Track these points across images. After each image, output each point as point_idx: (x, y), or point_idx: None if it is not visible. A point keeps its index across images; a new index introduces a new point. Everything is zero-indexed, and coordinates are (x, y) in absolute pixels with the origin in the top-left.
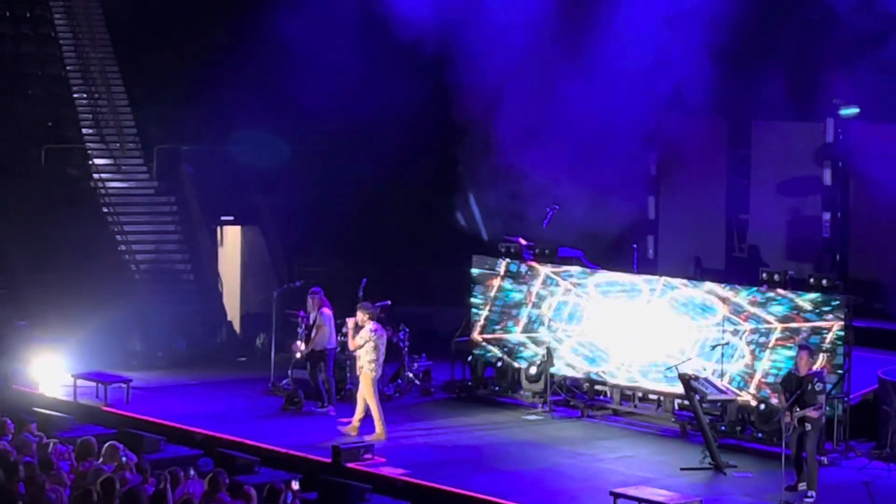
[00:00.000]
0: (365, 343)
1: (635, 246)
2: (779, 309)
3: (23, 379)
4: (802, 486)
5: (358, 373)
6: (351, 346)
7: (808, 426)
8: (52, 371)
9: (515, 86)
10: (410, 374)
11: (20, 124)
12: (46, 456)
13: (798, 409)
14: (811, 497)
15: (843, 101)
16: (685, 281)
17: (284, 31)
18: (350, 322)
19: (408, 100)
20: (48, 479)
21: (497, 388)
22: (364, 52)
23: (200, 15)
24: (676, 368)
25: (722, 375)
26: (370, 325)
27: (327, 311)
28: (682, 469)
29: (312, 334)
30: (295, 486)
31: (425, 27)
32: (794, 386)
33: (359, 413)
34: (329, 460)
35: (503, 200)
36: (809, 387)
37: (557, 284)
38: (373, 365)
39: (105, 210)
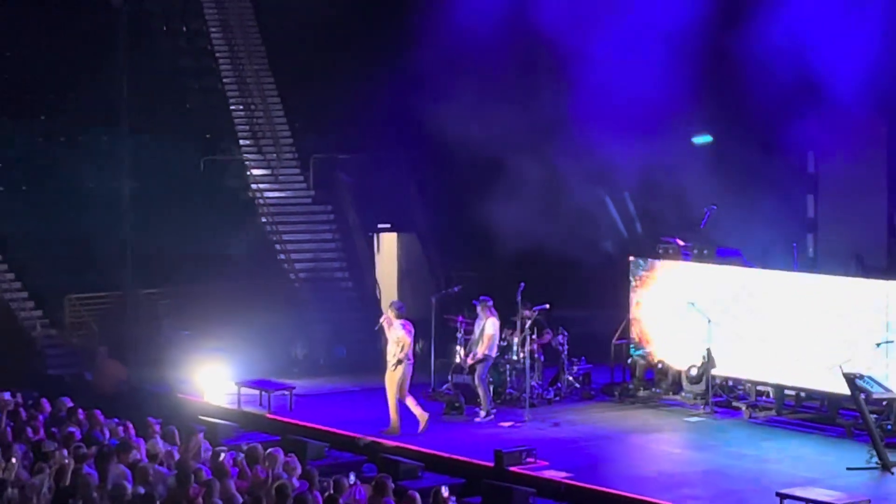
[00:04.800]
0: (405, 346)
1: (795, 245)
2: None
3: (188, 388)
4: None
5: (392, 367)
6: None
7: None
8: (217, 380)
9: (664, 84)
10: (570, 378)
11: (180, 138)
12: (218, 464)
13: None
14: None
15: None
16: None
17: (440, 37)
18: (383, 319)
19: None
20: (220, 488)
21: (658, 391)
22: (515, 58)
23: (354, 23)
24: (841, 368)
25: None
26: (399, 323)
27: (495, 321)
28: (848, 469)
29: (482, 340)
30: (444, 492)
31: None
32: None
33: (393, 412)
34: (492, 464)
35: (658, 201)
36: None
37: (711, 284)
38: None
39: (264, 220)
